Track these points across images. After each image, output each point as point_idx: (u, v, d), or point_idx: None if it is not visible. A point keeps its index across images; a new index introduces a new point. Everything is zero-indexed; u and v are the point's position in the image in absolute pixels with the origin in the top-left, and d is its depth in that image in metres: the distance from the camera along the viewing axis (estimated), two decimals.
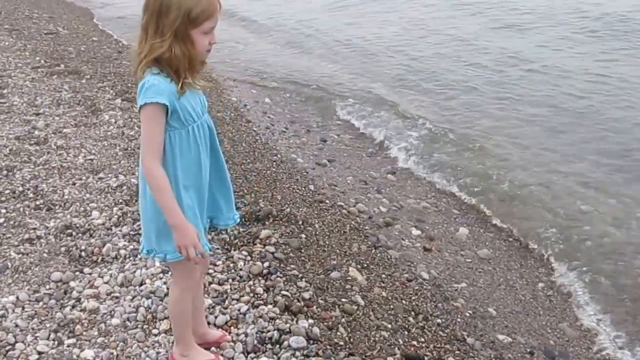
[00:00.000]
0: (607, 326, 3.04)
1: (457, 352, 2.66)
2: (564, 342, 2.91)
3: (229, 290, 2.64)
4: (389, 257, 3.41)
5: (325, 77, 7.18)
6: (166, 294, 2.55)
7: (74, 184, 3.53)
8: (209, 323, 2.38)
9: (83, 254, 2.81)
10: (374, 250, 3.42)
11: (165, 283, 2.63)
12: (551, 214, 4.00)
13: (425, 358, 2.54)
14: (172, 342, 2.24)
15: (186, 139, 1.77)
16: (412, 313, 2.89)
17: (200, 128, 1.82)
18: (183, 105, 1.74)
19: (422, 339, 2.70)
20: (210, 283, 2.67)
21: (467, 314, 3.01)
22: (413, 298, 3.03)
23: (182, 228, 1.73)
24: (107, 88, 5.53)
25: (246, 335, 2.34)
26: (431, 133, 5.38)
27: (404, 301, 2.98)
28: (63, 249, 2.83)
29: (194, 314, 2.16)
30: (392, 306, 2.91)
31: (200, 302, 2.26)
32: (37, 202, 3.27)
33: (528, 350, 2.81)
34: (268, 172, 4.16)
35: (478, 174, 4.59)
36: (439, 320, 2.87)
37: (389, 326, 2.71)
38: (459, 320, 2.94)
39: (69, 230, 3.00)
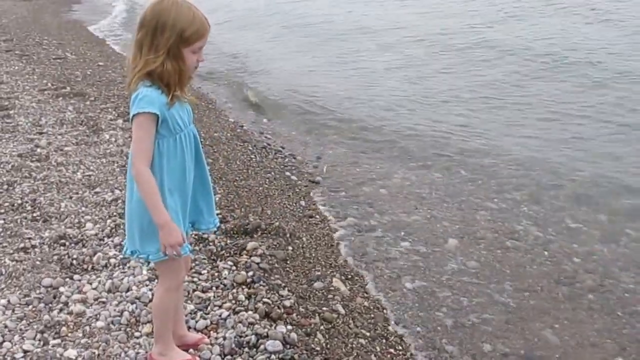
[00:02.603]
0: (586, 336, 3.09)
1: (433, 359, 2.75)
2: (546, 350, 2.96)
3: (212, 298, 2.76)
4: (374, 268, 3.52)
5: (324, 97, 7.41)
6: (151, 299, 2.69)
7: (70, 197, 3.72)
8: (189, 327, 2.51)
9: (74, 262, 2.97)
10: (359, 262, 3.54)
11: (151, 290, 2.76)
12: (539, 229, 4.09)
13: None
14: (152, 345, 2.37)
15: (173, 146, 1.94)
16: (393, 322, 2.99)
17: (186, 136, 1.99)
18: (172, 115, 1.91)
19: (400, 347, 2.79)
20: (194, 290, 2.80)
21: (449, 323, 3.09)
22: (395, 307, 3.14)
23: (168, 227, 1.88)
24: (109, 109, 5.79)
25: (224, 338, 2.46)
26: (422, 151, 5.56)
27: (385, 310, 3.09)
28: (56, 257, 3.00)
29: (175, 316, 2.29)
30: (372, 315, 3.01)
31: (181, 305, 2.39)
32: (34, 214, 3.46)
33: (507, 356, 2.88)
34: (260, 188, 4.32)
35: (467, 188, 4.72)
36: (418, 329, 2.97)
37: (368, 334, 2.81)
38: (439, 328, 3.03)
39: (63, 240, 3.17)
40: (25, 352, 2.30)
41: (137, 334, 2.46)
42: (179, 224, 1.96)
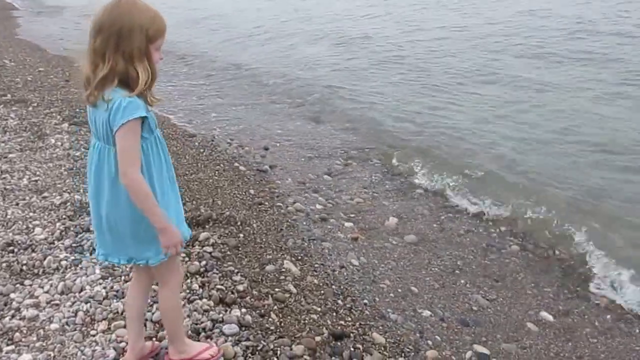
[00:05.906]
0: (513, 295, 3.23)
1: (380, 327, 2.79)
2: (478, 311, 3.08)
3: None
4: (322, 248, 3.53)
5: (273, 89, 7.32)
6: (105, 297, 2.58)
7: (17, 204, 3.49)
8: (145, 320, 2.41)
9: (24, 267, 2.79)
10: (308, 244, 3.54)
11: (104, 288, 2.65)
12: (470, 203, 4.25)
13: (351, 335, 2.66)
14: (108, 341, 2.28)
15: (154, 146, 1.81)
16: (341, 296, 3.01)
17: (159, 137, 1.85)
18: (150, 116, 1.77)
19: (349, 319, 2.81)
20: None
21: (392, 294, 3.15)
22: (343, 283, 3.16)
23: (168, 229, 1.78)
24: (54, 114, 5.46)
25: None
26: (362, 141, 5.60)
27: (334, 286, 3.10)
28: (4, 264, 2.80)
29: (137, 325, 2.09)
30: (323, 292, 3.02)
31: (143, 316, 2.19)
32: None
33: (444, 320, 2.97)
34: (210, 180, 4.22)
35: (404, 172, 4.82)
36: (365, 301, 3.00)
37: (319, 309, 2.81)
38: (384, 299, 3.08)
39: (11, 247, 2.97)
40: None
41: (93, 332, 2.35)
42: (180, 222, 1.88)
